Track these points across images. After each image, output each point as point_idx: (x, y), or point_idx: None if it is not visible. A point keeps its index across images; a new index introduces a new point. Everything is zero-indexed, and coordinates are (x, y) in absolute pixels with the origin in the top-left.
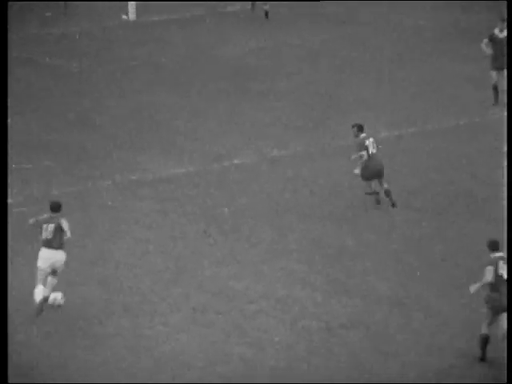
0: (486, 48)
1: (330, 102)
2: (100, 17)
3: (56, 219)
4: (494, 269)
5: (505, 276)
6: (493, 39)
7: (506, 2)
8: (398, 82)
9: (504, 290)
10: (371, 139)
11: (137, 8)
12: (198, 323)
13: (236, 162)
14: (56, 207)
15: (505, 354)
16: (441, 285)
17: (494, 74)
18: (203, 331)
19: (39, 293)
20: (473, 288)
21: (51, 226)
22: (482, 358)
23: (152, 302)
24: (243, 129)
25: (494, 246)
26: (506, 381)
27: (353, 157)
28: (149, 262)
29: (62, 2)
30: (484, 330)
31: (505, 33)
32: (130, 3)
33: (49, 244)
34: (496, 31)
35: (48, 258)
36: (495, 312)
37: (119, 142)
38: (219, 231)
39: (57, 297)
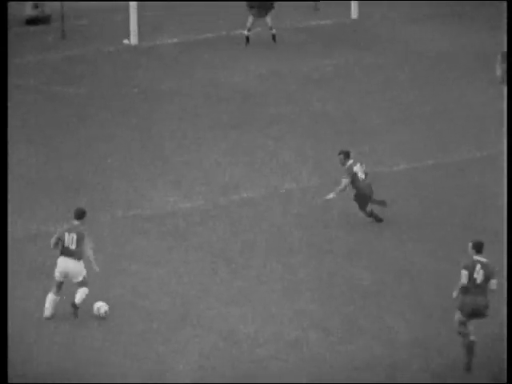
0: (500, 66)
1: (343, 131)
2: (100, 41)
3: (79, 228)
4: (468, 273)
5: (478, 281)
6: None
7: None
8: (416, 110)
9: (477, 294)
10: (358, 164)
11: (139, 31)
12: (205, 368)
13: (245, 195)
14: (79, 214)
15: (504, 355)
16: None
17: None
18: (210, 377)
19: (48, 303)
20: (455, 293)
21: (73, 236)
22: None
23: (156, 344)
24: (252, 160)
25: (477, 248)
26: (506, 381)
27: (331, 196)
28: (152, 301)
29: (61, 27)
30: (467, 337)
31: None
32: (131, 26)
33: (69, 253)
34: None
35: (64, 266)
36: (467, 316)
37: (120, 173)
38: (227, 269)
39: (101, 307)
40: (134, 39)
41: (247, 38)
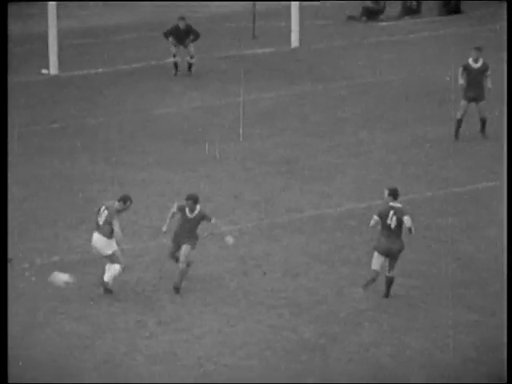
0: (461, 77)
1: (287, 170)
2: (13, 71)
3: (113, 207)
4: (378, 219)
5: (392, 226)
6: (467, 69)
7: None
8: (367, 147)
9: (389, 237)
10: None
11: (59, 60)
12: None
13: None
14: (121, 196)
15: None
16: None
17: (464, 103)
18: None
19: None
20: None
21: (105, 212)
22: (386, 295)
23: None
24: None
25: (393, 195)
26: (506, 381)
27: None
28: (73, 361)
29: None
30: (374, 267)
31: (479, 63)
32: (50, 54)
33: (97, 227)
34: (470, 61)
35: (94, 242)
36: (383, 254)
37: (39, 218)
38: (156, 321)
39: (60, 277)
40: (53, 69)
41: (175, 65)
